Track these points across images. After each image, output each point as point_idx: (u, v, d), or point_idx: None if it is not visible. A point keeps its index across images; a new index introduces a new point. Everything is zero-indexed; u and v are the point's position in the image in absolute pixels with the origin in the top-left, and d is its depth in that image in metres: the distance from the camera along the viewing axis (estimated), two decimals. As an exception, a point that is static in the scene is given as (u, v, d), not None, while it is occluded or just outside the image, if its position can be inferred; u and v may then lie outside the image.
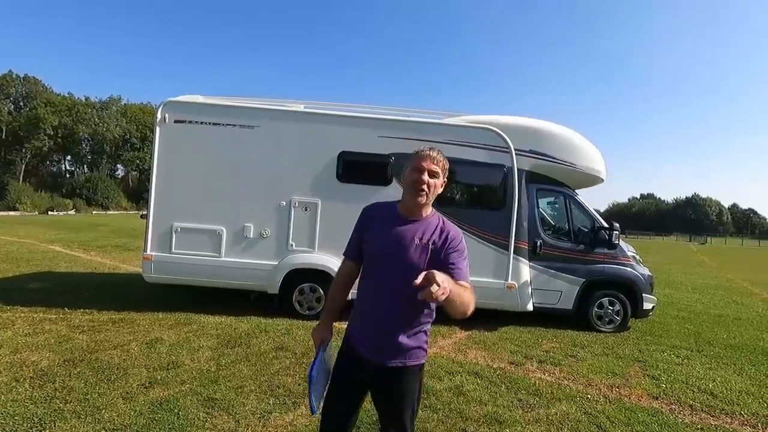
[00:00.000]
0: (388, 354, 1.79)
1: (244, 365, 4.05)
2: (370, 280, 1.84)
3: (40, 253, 10.89)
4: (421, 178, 1.73)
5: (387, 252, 1.78)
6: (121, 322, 5.19)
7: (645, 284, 6.10)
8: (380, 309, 1.79)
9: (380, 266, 1.81)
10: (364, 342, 1.83)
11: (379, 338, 1.80)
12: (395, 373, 1.80)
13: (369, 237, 1.86)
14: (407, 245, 1.75)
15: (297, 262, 5.76)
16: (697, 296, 10.11)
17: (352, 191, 5.73)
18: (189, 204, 5.76)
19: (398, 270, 1.72)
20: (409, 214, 1.81)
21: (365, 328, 1.85)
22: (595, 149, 6.26)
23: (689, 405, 3.75)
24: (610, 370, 4.48)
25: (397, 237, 1.77)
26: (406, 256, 1.74)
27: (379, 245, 1.82)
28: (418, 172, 1.74)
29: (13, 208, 36.68)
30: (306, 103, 6.17)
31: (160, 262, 5.71)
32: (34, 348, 4.21)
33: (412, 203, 1.77)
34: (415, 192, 1.74)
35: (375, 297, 1.82)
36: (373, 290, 1.83)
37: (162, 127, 5.74)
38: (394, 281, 1.74)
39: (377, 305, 1.81)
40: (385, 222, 1.84)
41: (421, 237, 1.76)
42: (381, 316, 1.79)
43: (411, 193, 1.76)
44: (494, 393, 3.73)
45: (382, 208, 1.91)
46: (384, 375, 1.80)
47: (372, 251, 1.84)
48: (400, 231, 1.78)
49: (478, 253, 5.81)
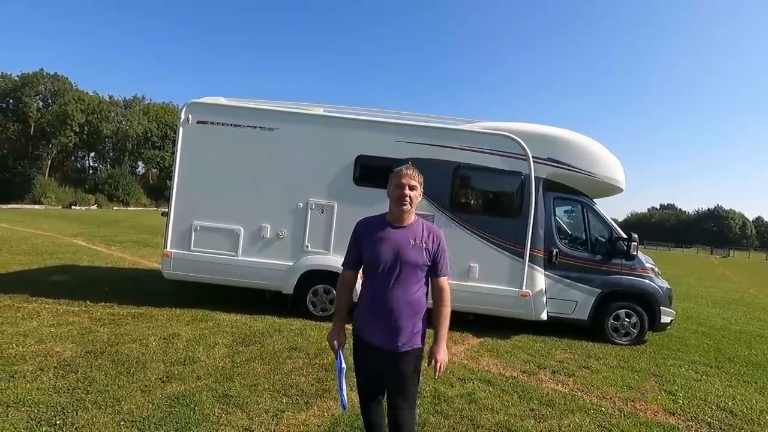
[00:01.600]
0: (399, 340, 2.13)
1: (258, 363, 4.12)
2: (375, 280, 2.17)
3: (63, 247, 11.23)
4: (404, 192, 2.14)
5: (388, 256, 2.13)
6: (140, 317, 5.32)
7: (663, 297, 5.99)
8: (389, 303, 2.13)
9: (383, 268, 2.14)
10: (377, 334, 2.17)
11: (391, 328, 2.13)
12: (404, 356, 2.15)
13: (367, 247, 2.19)
14: (405, 247, 2.13)
15: (312, 264, 5.82)
16: (717, 311, 9.85)
17: (368, 195, 5.77)
18: (209, 203, 5.88)
19: (400, 267, 2.12)
20: (398, 222, 2.20)
21: (378, 322, 2.16)
22: (614, 158, 6.18)
23: (707, 423, 3.66)
24: (626, 383, 4.40)
25: (395, 242, 2.15)
26: (407, 257, 2.13)
27: (379, 251, 2.14)
28: (400, 188, 2.15)
29: (39, 202, 37.89)
30: (325, 106, 6.25)
31: (179, 260, 5.84)
32: (58, 339, 4.36)
33: (399, 212, 2.17)
34: (401, 203, 2.15)
35: (380, 294, 2.15)
36: (378, 289, 2.16)
37: (185, 128, 5.89)
38: (397, 278, 2.12)
39: (386, 300, 2.13)
40: (378, 231, 2.19)
41: (414, 239, 2.16)
42: (391, 310, 2.12)
43: (397, 205, 2.16)
44: (506, 402, 3.71)
45: (371, 222, 2.27)
46: (396, 358, 2.15)
47: (373, 258, 2.16)
48: (395, 236, 2.17)
49: (493, 260, 5.80)
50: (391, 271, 2.13)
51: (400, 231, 2.18)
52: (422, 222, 2.25)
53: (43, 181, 42.20)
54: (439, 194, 5.83)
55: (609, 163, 6.10)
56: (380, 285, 2.15)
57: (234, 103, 6.15)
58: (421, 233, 2.18)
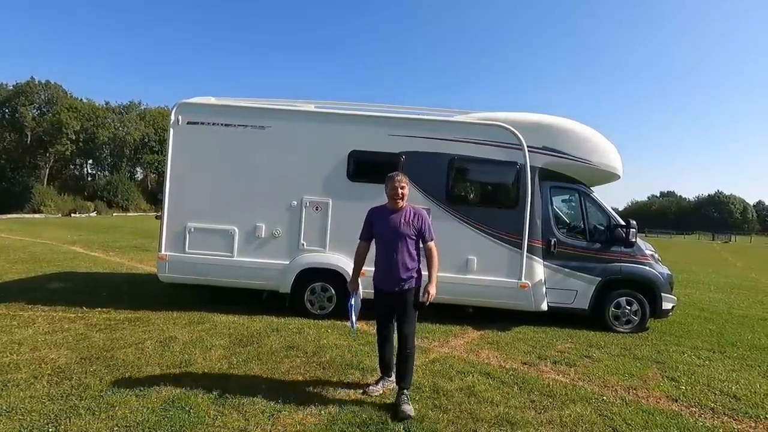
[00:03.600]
0: (401, 284, 3.34)
1: (255, 364, 4.07)
2: (382, 248, 3.42)
3: (61, 254, 11.19)
4: (397, 192, 3.35)
5: (389, 231, 3.36)
6: (137, 321, 5.28)
7: (664, 283, 5.93)
8: (392, 261, 3.33)
9: (387, 239, 3.38)
10: (387, 283, 3.38)
11: (395, 277, 3.33)
12: (406, 293, 3.37)
13: (376, 226, 3.46)
14: (399, 225, 3.35)
15: (308, 262, 5.77)
16: (720, 296, 9.80)
17: (362, 190, 5.71)
18: (202, 204, 5.83)
19: (398, 238, 3.33)
20: (394, 209, 3.41)
21: (386, 275, 3.37)
22: (610, 145, 6.11)
23: (710, 408, 3.61)
24: (627, 371, 4.35)
25: (393, 222, 3.37)
26: (400, 231, 3.34)
27: (384, 229, 3.40)
28: (394, 189, 3.35)
29: (38, 211, 37.88)
30: (316, 102, 6.19)
31: (174, 262, 5.79)
32: (52, 346, 4.31)
33: (394, 205, 3.40)
34: (396, 200, 3.37)
35: (388, 256, 3.36)
36: (385, 254, 3.38)
37: (175, 129, 5.83)
38: (396, 246, 3.33)
39: (390, 260, 3.34)
40: (383, 216, 3.44)
41: (405, 219, 3.36)
42: (394, 265, 3.33)
43: (394, 200, 3.38)
44: (506, 394, 3.66)
45: (379, 210, 3.50)
46: (401, 295, 3.36)
47: (381, 233, 3.42)
48: (393, 218, 3.38)
49: (491, 251, 5.74)
50: (392, 241, 3.34)
51: (396, 215, 3.38)
52: (410, 207, 3.45)
53: (41, 190, 42.16)
54: (434, 187, 5.76)
55: (605, 150, 6.03)
56: (386, 250, 3.37)
57: (224, 102, 6.09)
58: (410, 215, 3.38)
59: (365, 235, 3.51)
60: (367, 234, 3.49)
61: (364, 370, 4.02)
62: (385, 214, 3.40)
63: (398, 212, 3.37)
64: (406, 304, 3.36)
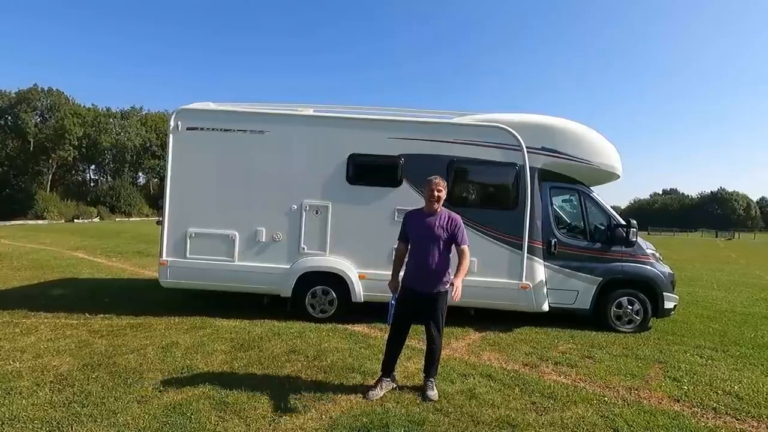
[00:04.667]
0: (436, 286, 3.49)
1: (256, 368, 4.08)
2: (417, 249, 3.53)
3: (64, 260, 11.24)
4: (434, 195, 3.47)
5: (424, 234, 3.49)
6: (139, 327, 5.30)
7: (666, 282, 5.91)
8: (426, 263, 3.45)
9: (422, 241, 3.49)
10: (421, 284, 3.51)
11: (430, 280, 3.48)
12: (437, 296, 3.52)
13: (412, 229, 3.58)
14: (434, 228, 3.46)
15: (309, 265, 5.78)
16: (722, 294, 9.76)
17: (362, 193, 5.73)
18: (202, 209, 5.85)
19: (432, 241, 3.46)
20: (430, 212, 3.53)
21: (419, 276, 3.50)
22: (609, 144, 6.10)
23: (713, 408, 3.60)
24: (629, 371, 4.34)
25: (428, 225, 3.49)
26: (434, 234, 3.45)
27: (420, 231, 3.52)
28: (432, 191, 3.47)
29: (41, 217, 38.06)
30: (315, 106, 6.21)
31: (175, 267, 5.81)
32: (55, 353, 4.33)
33: (430, 206, 3.53)
34: (432, 201, 3.49)
35: (422, 258, 3.46)
36: (420, 254, 3.48)
37: (175, 135, 5.85)
38: (430, 247, 3.45)
39: (424, 261, 3.45)
40: (419, 219, 3.56)
41: (440, 223, 3.47)
42: (428, 268, 3.45)
43: (430, 202, 3.50)
44: (507, 396, 3.66)
45: (415, 213, 3.64)
46: (433, 298, 3.52)
47: (416, 235, 3.55)
48: (428, 221, 3.50)
49: (492, 253, 5.74)
50: (426, 244, 3.45)
51: (432, 218, 3.49)
52: (445, 211, 3.54)
53: (44, 196, 42.39)
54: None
55: (604, 150, 6.03)
56: (420, 253, 3.47)
57: (223, 107, 6.11)
58: (445, 219, 3.49)
59: (402, 236, 3.68)
60: (405, 236, 3.64)
61: (365, 373, 4.02)
62: (421, 217, 3.53)
63: (433, 215, 3.48)
64: (438, 308, 3.51)
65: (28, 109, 48.45)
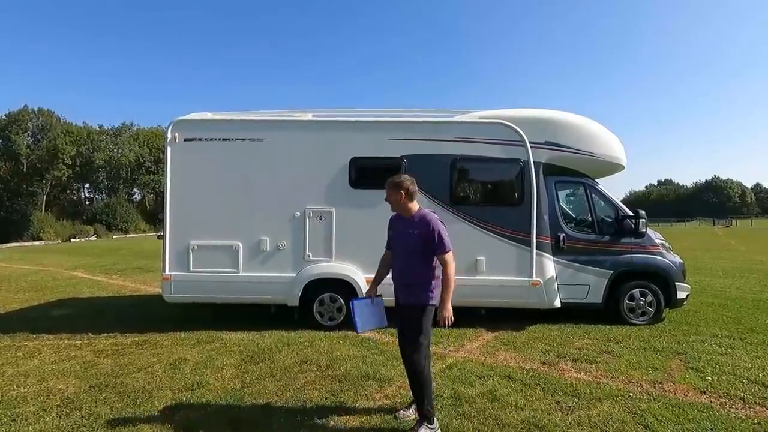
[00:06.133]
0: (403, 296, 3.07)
1: (268, 381, 3.97)
2: (393, 256, 3.22)
3: (63, 280, 11.07)
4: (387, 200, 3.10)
5: (397, 239, 3.15)
6: (144, 344, 5.17)
7: (677, 272, 5.84)
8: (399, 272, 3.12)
9: (396, 247, 3.17)
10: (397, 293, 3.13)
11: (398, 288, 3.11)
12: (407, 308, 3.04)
13: (390, 234, 3.26)
14: (403, 233, 3.07)
15: (315, 273, 5.68)
16: (729, 281, 9.71)
17: (365, 197, 5.64)
18: (204, 221, 5.74)
19: (403, 247, 3.08)
20: (404, 215, 3.10)
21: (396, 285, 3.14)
22: (613, 136, 6.05)
23: (740, 398, 3.51)
24: (650, 364, 4.25)
25: (400, 229, 3.11)
26: (404, 239, 3.06)
27: (395, 236, 3.19)
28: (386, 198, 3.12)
29: (38, 238, 37.73)
30: (314, 111, 6.13)
31: (179, 282, 5.69)
32: (60, 375, 4.20)
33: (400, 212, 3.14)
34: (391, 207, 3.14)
35: (396, 266, 3.16)
36: (395, 262, 3.18)
37: (173, 147, 5.75)
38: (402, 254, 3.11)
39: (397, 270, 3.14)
40: (396, 223, 3.18)
41: (410, 227, 3.02)
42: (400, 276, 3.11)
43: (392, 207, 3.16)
44: (530, 396, 3.56)
45: (396, 217, 3.20)
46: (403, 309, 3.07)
47: (392, 241, 3.23)
48: (401, 226, 3.11)
49: (500, 251, 5.66)
50: (399, 251, 3.13)
51: (404, 222, 3.08)
52: (420, 212, 3.06)
53: (40, 216, 42.06)
54: (438, 189, 5.68)
55: (608, 142, 5.97)
56: (395, 261, 3.17)
57: (220, 116, 6.02)
58: (417, 221, 3.00)
59: (387, 243, 3.31)
60: (389, 242, 3.29)
61: (381, 380, 3.92)
62: (398, 222, 3.16)
63: (409, 219, 3.06)
64: (407, 320, 3.03)
65: (20, 131, 48.21)
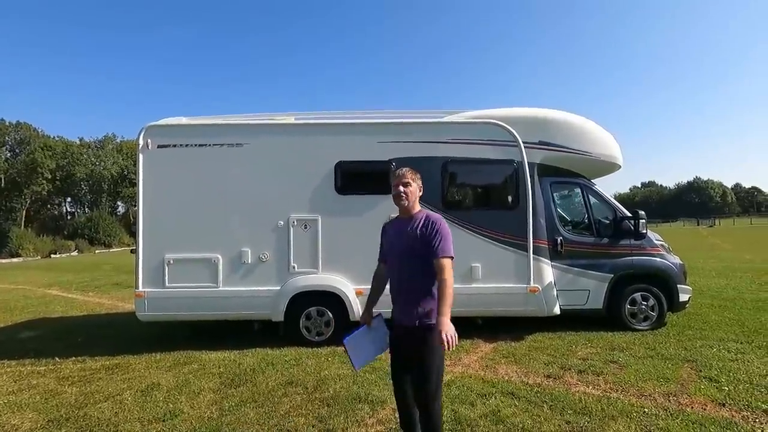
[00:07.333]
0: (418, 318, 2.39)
1: (250, 407, 3.59)
2: (391, 267, 2.59)
3: (35, 299, 10.47)
4: (398, 190, 2.49)
5: (396, 245, 2.53)
6: (115, 368, 4.75)
7: (678, 274, 5.63)
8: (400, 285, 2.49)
9: (395, 255, 2.54)
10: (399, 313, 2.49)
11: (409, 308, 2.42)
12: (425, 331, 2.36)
13: (385, 242, 2.65)
14: (404, 236, 2.48)
15: (301, 285, 5.32)
16: (724, 281, 9.59)
17: (353, 203, 5.34)
18: (180, 233, 5.35)
19: (405, 254, 2.46)
20: (404, 216, 2.55)
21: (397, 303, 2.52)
22: (608, 134, 5.85)
23: (763, 410, 3.25)
24: (661, 374, 3.98)
25: (400, 233, 2.52)
26: (406, 244, 2.46)
27: (392, 243, 2.57)
28: (395, 186, 2.51)
29: (17, 255, 36.40)
30: (297, 114, 5.81)
31: (153, 299, 5.27)
32: (16, 408, 3.77)
33: (399, 207, 2.55)
34: (398, 199, 2.51)
35: (396, 278, 2.54)
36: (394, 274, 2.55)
37: (145, 154, 5.37)
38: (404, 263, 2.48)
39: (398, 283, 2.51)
40: (392, 228, 2.61)
41: (412, 228, 2.46)
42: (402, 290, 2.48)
43: (398, 202, 2.52)
44: (537, 416, 3.25)
45: (392, 222, 2.65)
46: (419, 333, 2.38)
47: (390, 249, 2.59)
48: (400, 229, 2.53)
49: (496, 257, 5.38)
50: (400, 259, 2.50)
51: (404, 223, 2.52)
52: (423, 213, 2.54)
53: (18, 233, 40.59)
54: (429, 194, 5.32)
55: (603, 140, 5.77)
56: (394, 272, 2.55)
57: (196, 121, 5.67)
58: (419, 221, 2.47)
59: (380, 254, 2.71)
60: (382, 253, 2.68)
61: (373, 402, 3.57)
62: (396, 225, 2.56)
63: (409, 220, 2.50)
64: (420, 350, 2.37)
65: (-2, 145, 46.88)
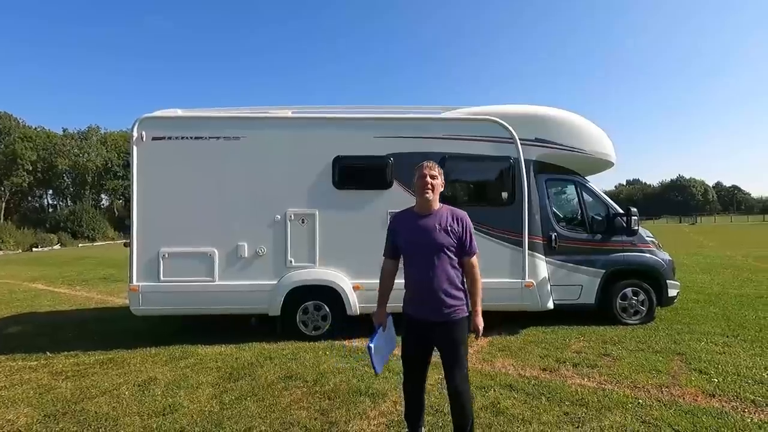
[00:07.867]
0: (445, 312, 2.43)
1: (250, 401, 3.60)
2: (413, 263, 2.51)
3: (20, 293, 10.25)
4: (425, 181, 2.47)
5: (420, 240, 2.45)
6: (109, 363, 4.69)
7: (668, 270, 5.79)
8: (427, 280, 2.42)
9: (418, 251, 2.47)
10: (424, 309, 2.46)
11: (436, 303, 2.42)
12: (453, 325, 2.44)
13: (401, 238, 2.54)
14: (433, 232, 2.43)
15: (298, 280, 5.32)
16: (708, 277, 9.86)
17: (350, 198, 5.35)
18: (176, 227, 5.29)
19: (432, 250, 2.43)
20: (424, 211, 2.51)
21: (421, 299, 2.47)
22: (602, 132, 5.95)
23: (750, 400, 3.37)
24: (653, 367, 4.10)
25: (425, 228, 2.45)
26: (435, 240, 2.42)
27: (414, 238, 2.47)
28: (422, 177, 2.48)
29: (-4, 248, 35.51)
30: (294, 108, 5.78)
31: (148, 293, 5.22)
32: (9, 404, 3.71)
33: (423, 200, 2.48)
34: (424, 191, 2.46)
35: (420, 274, 2.45)
36: (418, 270, 2.47)
37: (139, 147, 5.29)
38: (431, 259, 2.42)
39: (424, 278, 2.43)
40: (408, 222, 2.52)
41: (440, 224, 2.45)
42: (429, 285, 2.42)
43: (424, 195, 2.47)
44: (536, 407, 3.32)
45: (402, 215, 2.60)
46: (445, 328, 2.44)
47: (410, 244, 2.50)
48: (424, 224, 2.47)
49: (491, 252, 5.43)
50: (425, 255, 2.44)
51: (428, 219, 2.48)
52: (447, 208, 2.53)
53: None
54: (426, 189, 5.42)
55: (598, 138, 5.87)
56: (418, 267, 2.46)
57: (192, 113, 5.60)
58: (446, 218, 2.47)
59: (389, 250, 2.62)
60: (392, 249, 2.61)
61: (374, 395, 3.61)
62: (414, 220, 2.50)
63: (431, 215, 2.47)
64: (454, 340, 2.43)
65: (-26, 135, 45.49)
